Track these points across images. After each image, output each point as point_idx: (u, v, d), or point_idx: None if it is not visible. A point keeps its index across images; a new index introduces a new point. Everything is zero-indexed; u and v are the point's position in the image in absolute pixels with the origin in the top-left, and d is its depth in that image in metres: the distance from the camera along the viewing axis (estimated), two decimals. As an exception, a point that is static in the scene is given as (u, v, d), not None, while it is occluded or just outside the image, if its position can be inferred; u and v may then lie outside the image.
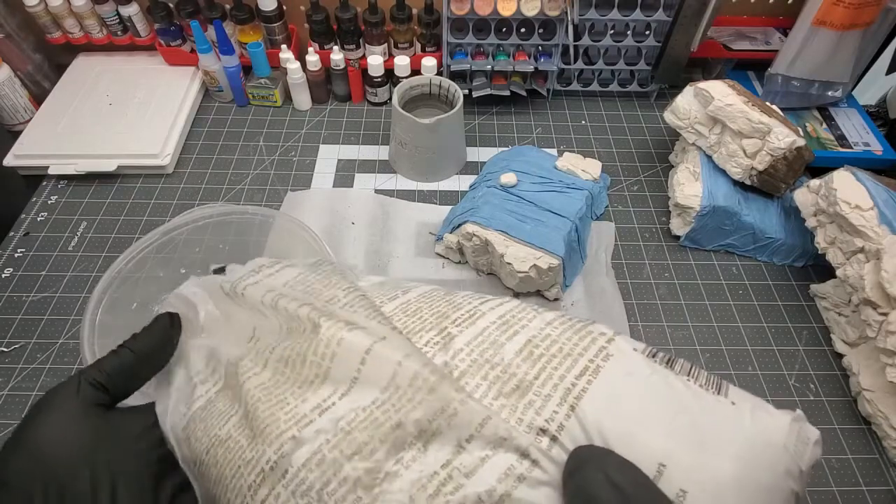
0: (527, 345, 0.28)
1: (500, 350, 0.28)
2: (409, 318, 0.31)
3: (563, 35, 0.69)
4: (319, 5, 0.68)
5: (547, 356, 0.28)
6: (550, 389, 0.26)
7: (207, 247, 0.50)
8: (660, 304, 0.56)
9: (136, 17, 0.71)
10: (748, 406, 0.26)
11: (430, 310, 0.32)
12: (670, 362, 0.27)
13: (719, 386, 0.27)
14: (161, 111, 0.69)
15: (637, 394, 0.26)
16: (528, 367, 0.27)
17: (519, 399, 0.26)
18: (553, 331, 0.29)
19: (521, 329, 0.29)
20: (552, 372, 0.27)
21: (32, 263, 0.57)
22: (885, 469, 0.47)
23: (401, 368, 0.26)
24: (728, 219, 0.58)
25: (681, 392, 0.26)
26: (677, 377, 0.27)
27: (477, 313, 0.31)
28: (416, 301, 0.33)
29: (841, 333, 0.53)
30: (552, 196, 0.58)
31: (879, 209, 0.48)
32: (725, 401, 0.26)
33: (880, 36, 0.66)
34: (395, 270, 0.57)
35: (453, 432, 0.25)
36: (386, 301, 0.33)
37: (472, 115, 0.74)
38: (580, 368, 0.27)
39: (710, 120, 0.59)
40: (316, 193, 0.64)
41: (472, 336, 0.29)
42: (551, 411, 0.26)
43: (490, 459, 0.25)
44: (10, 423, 0.47)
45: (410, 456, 0.25)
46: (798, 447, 0.25)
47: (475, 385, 0.27)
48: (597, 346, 0.28)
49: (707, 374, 0.27)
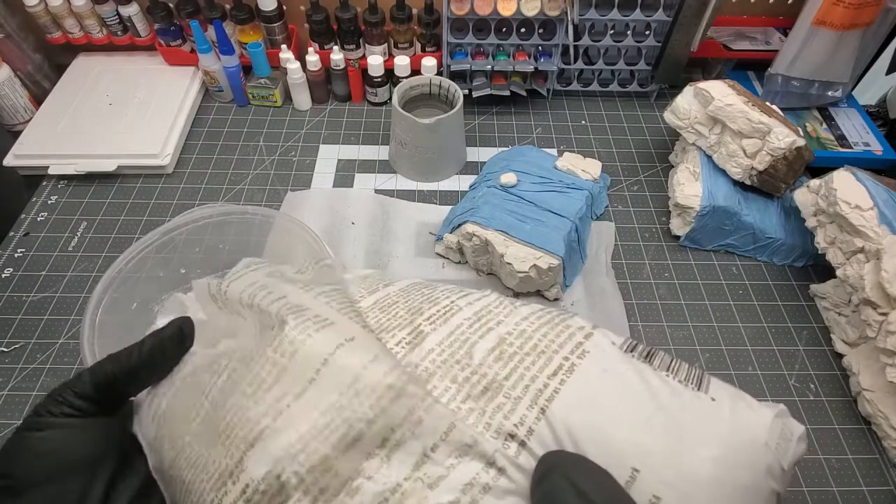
0: (500, 343, 0.27)
1: (472, 349, 0.27)
2: (383, 315, 0.30)
3: (563, 35, 0.69)
4: (319, 5, 0.68)
5: (520, 354, 0.26)
6: (521, 391, 0.25)
7: (207, 247, 0.50)
8: (660, 304, 0.56)
9: (136, 17, 0.71)
10: (728, 401, 0.25)
11: (406, 305, 0.30)
12: (649, 356, 0.26)
13: (700, 380, 0.26)
14: (161, 111, 0.69)
15: (612, 392, 0.25)
16: (499, 367, 0.26)
17: (488, 402, 0.25)
18: (529, 326, 0.28)
19: (496, 325, 0.28)
20: (524, 372, 0.26)
21: (32, 263, 0.57)
22: (885, 469, 0.47)
23: (365, 372, 0.24)
24: (728, 219, 0.58)
25: (658, 389, 0.25)
26: (655, 373, 0.26)
27: (453, 309, 0.29)
28: (395, 295, 0.31)
29: (841, 333, 0.53)
30: (552, 196, 0.58)
31: (879, 209, 0.48)
32: (705, 397, 0.25)
33: (880, 36, 0.66)
34: (395, 270, 0.57)
35: (418, 441, 0.24)
36: (366, 294, 0.32)
37: (472, 115, 0.74)
38: (554, 367, 0.26)
39: (710, 120, 0.59)
40: (316, 193, 0.64)
41: (444, 335, 0.28)
42: (521, 415, 0.24)
43: (455, 468, 0.23)
44: (10, 423, 0.47)
45: (373, 466, 0.24)
46: (781, 444, 0.24)
47: (444, 388, 0.26)
48: (573, 342, 0.27)
49: (688, 367, 0.26)
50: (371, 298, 0.31)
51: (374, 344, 0.26)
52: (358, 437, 0.23)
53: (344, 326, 0.26)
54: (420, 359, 0.27)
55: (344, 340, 0.25)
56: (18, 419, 0.47)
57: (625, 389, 0.25)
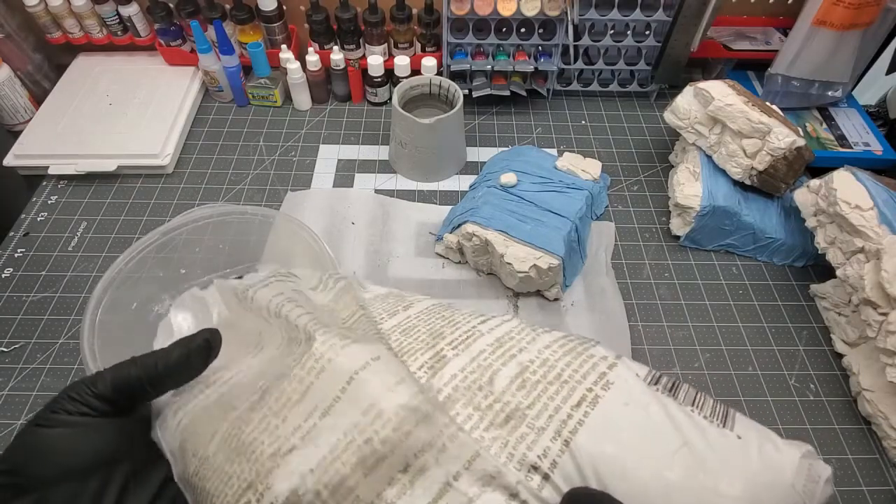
0: (522, 371, 0.27)
1: (495, 376, 0.27)
2: (404, 337, 0.29)
3: (563, 35, 0.69)
4: (319, 5, 0.68)
5: (543, 383, 0.26)
6: (545, 421, 0.25)
7: (207, 247, 0.50)
8: (660, 304, 0.56)
9: (136, 17, 0.71)
10: (755, 440, 0.25)
11: (427, 327, 0.30)
12: (674, 389, 0.26)
13: (725, 416, 0.25)
14: (161, 111, 0.69)
15: (636, 427, 0.24)
16: (522, 396, 0.26)
17: (511, 432, 0.25)
18: (551, 355, 0.27)
19: (518, 352, 0.28)
20: (547, 402, 0.25)
21: (32, 263, 0.57)
22: (885, 469, 0.47)
23: (390, 394, 0.24)
24: (728, 219, 0.58)
25: (683, 425, 0.24)
26: (680, 407, 0.25)
27: (474, 334, 0.29)
28: (415, 318, 0.31)
29: (841, 333, 0.53)
30: (552, 196, 0.58)
31: (879, 209, 0.48)
32: (731, 434, 0.25)
33: (880, 36, 0.66)
34: (395, 270, 0.57)
35: (441, 468, 0.23)
36: (386, 317, 0.32)
37: (472, 115, 0.74)
38: (577, 398, 0.25)
39: (710, 120, 0.59)
40: (316, 193, 0.64)
41: (466, 360, 0.27)
42: (544, 446, 0.24)
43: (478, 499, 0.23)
44: (11, 423, 0.47)
45: (395, 492, 0.23)
46: (808, 486, 0.24)
47: (466, 415, 0.25)
48: (597, 373, 0.26)
49: (713, 402, 0.26)
50: (392, 321, 0.31)
51: (399, 366, 0.26)
52: (380, 459, 0.23)
53: (370, 345, 0.26)
54: (442, 384, 0.27)
55: (370, 360, 0.25)
56: (19, 419, 0.47)
57: (650, 425, 0.25)
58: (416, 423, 0.23)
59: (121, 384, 0.27)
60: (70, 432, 0.25)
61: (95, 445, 0.25)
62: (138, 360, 0.28)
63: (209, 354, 0.30)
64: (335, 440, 0.23)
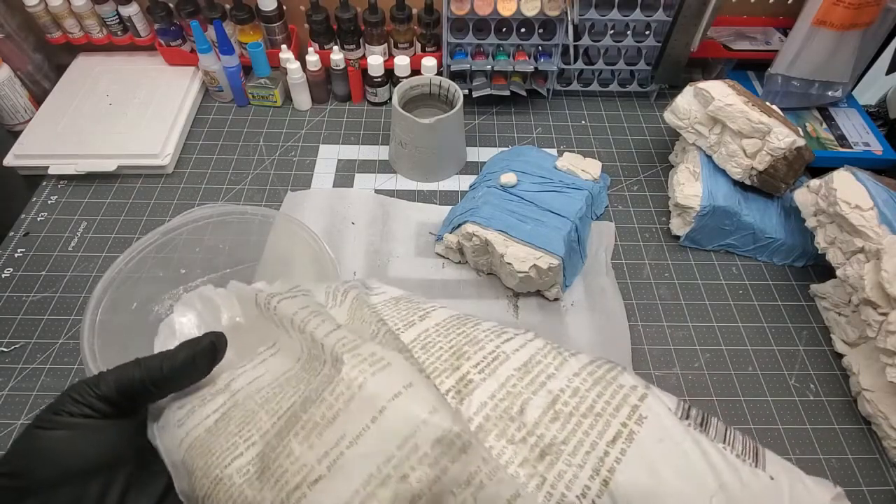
0: (554, 401, 0.26)
1: (526, 406, 0.26)
2: (425, 354, 0.28)
3: (563, 35, 0.69)
4: (319, 5, 0.68)
5: (577, 416, 0.26)
6: (582, 458, 0.24)
7: (207, 247, 0.50)
8: (660, 304, 0.56)
9: (136, 17, 0.71)
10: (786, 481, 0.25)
11: (448, 343, 0.29)
12: (704, 424, 0.26)
13: (756, 454, 0.25)
14: (161, 111, 0.69)
15: (673, 467, 0.24)
16: (556, 429, 0.25)
17: (548, 468, 0.24)
18: (581, 384, 0.27)
19: (548, 379, 0.27)
20: (583, 437, 0.25)
21: (32, 263, 0.57)
22: (885, 469, 0.47)
23: (424, 426, 0.23)
24: (728, 219, 0.58)
25: (718, 465, 0.24)
26: (712, 444, 0.25)
27: (499, 357, 0.28)
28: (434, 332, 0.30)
29: (841, 333, 0.53)
30: (552, 196, 0.58)
31: (879, 209, 0.48)
32: (763, 475, 0.24)
33: (880, 36, 0.66)
34: (395, 270, 0.57)
35: None
36: (402, 328, 0.31)
37: (472, 115, 0.74)
38: (613, 433, 0.25)
39: (710, 120, 0.59)
40: (316, 193, 0.64)
41: (494, 387, 0.27)
42: (583, 485, 0.23)
43: None
44: (11, 423, 0.47)
45: None
46: None
47: (500, 449, 0.25)
48: (629, 405, 0.26)
49: (742, 438, 0.26)
50: (410, 333, 0.30)
51: (432, 393, 0.25)
52: (416, 496, 0.22)
53: (401, 370, 0.25)
54: (472, 412, 0.26)
55: (402, 388, 0.24)
56: (19, 419, 0.47)
57: (686, 464, 0.24)
58: (453, 458, 0.23)
59: (124, 386, 0.26)
60: (72, 434, 0.25)
61: (97, 448, 0.25)
62: (142, 361, 0.27)
63: (214, 357, 0.29)
64: (368, 474, 0.22)
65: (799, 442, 0.48)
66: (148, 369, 0.27)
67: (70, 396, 0.25)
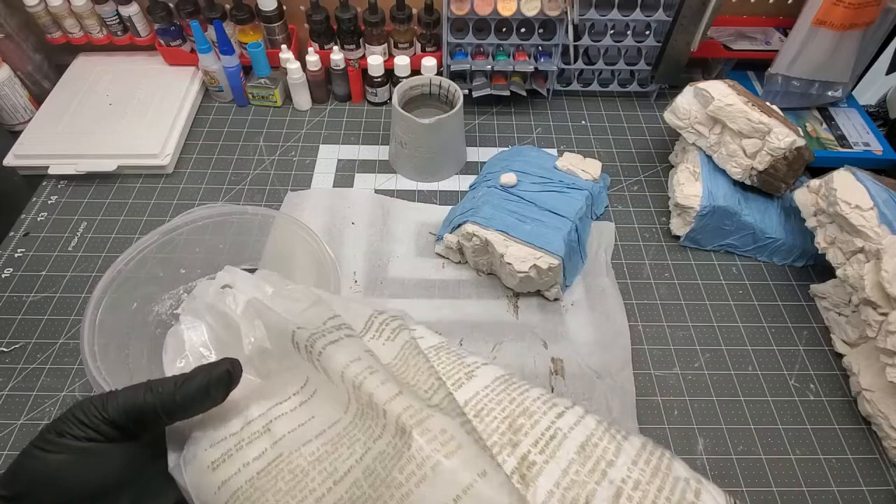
0: (617, 494, 0.26)
1: (591, 499, 0.25)
2: (480, 424, 0.28)
3: (563, 35, 0.69)
4: (319, 5, 0.68)
5: None
6: None
7: (207, 247, 0.50)
8: (660, 304, 0.56)
9: (136, 17, 0.71)
10: None
11: (501, 412, 0.28)
12: None
13: None
14: (161, 111, 0.69)
15: None
16: None
17: None
18: (641, 475, 0.27)
19: (608, 467, 0.27)
20: None
21: (32, 263, 0.57)
22: (885, 469, 0.47)
23: None
24: (728, 219, 0.58)
25: None
26: None
27: (556, 435, 0.28)
28: (484, 396, 0.29)
29: (841, 333, 0.53)
30: (552, 196, 0.58)
31: (879, 209, 0.48)
32: None
33: (880, 36, 0.66)
34: (395, 270, 0.57)
35: None
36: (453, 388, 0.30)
37: (472, 115, 0.74)
38: None
39: (710, 120, 0.59)
40: (316, 193, 0.64)
41: (557, 473, 0.26)
42: None
43: None
44: (11, 423, 0.47)
45: None
46: None
47: None
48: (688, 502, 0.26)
49: None
50: (461, 395, 0.29)
51: (506, 486, 0.23)
52: None
53: (473, 454, 0.24)
54: (540, 502, 0.25)
55: (477, 475, 0.23)
56: (19, 419, 0.47)
57: None
58: None
59: (133, 411, 0.25)
60: (76, 459, 0.24)
61: (101, 473, 0.24)
62: (154, 385, 0.26)
63: (229, 386, 0.28)
64: None
65: (799, 442, 0.48)
66: (159, 396, 0.26)
67: (76, 417, 0.24)
